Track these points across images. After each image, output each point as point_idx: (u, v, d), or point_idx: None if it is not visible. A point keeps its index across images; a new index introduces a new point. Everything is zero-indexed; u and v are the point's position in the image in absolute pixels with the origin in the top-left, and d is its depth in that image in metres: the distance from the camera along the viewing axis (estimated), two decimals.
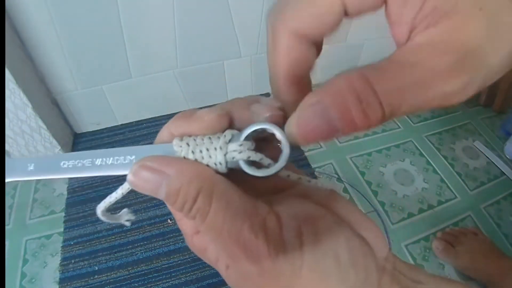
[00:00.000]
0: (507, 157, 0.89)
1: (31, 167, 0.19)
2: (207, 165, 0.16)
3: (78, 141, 0.87)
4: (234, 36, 0.84)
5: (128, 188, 0.18)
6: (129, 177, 0.16)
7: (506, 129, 0.95)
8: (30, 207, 0.75)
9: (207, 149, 0.16)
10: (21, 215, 0.73)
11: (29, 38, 0.68)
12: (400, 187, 0.81)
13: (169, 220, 0.71)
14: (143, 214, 0.72)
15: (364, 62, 0.13)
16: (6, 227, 0.71)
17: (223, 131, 0.17)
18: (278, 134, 0.15)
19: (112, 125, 0.91)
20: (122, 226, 0.70)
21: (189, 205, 0.15)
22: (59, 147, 0.78)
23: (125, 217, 0.22)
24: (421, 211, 0.77)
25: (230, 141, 0.16)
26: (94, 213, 0.76)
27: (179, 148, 0.16)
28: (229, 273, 0.17)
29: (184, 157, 0.16)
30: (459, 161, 0.87)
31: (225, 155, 0.16)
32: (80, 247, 0.67)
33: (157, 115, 0.93)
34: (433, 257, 0.69)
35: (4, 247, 0.67)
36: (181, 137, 0.17)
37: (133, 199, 0.75)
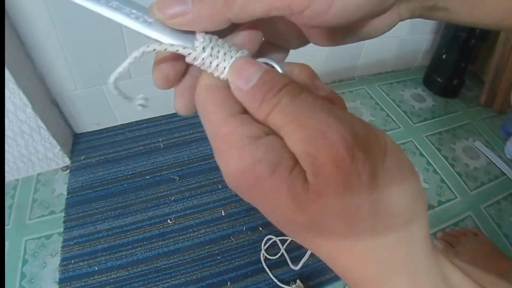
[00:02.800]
0: (507, 157, 0.89)
1: None
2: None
3: (78, 141, 0.87)
4: None
5: (143, 53, 0.18)
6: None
7: (506, 129, 0.95)
8: (30, 207, 0.75)
9: (225, 53, 0.17)
10: (21, 215, 0.73)
11: (29, 38, 0.68)
12: None
13: (169, 220, 0.71)
14: (143, 214, 0.72)
15: (364, 62, 0.13)
16: (6, 227, 0.71)
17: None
18: (279, 69, 0.17)
19: (112, 125, 0.91)
20: (122, 226, 0.70)
21: None
22: (59, 147, 0.78)
23: (140, 100, 0.21)
24: None
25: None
26: (94, 213, 0.75)
27: (201, 39, 0.17)
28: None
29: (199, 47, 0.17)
30: (459, 161, 0.87)
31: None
32: (80, 247, 0.67)
33: (157, 115, 0.93)
34: None
35: (4, 247, 0.67)
36: (206, 32, 0.17)
37: (133, 199, 0.75)
